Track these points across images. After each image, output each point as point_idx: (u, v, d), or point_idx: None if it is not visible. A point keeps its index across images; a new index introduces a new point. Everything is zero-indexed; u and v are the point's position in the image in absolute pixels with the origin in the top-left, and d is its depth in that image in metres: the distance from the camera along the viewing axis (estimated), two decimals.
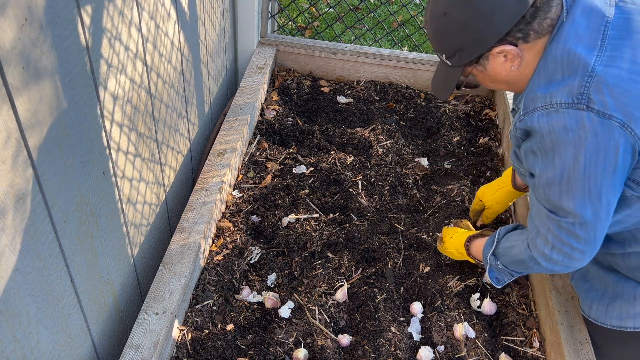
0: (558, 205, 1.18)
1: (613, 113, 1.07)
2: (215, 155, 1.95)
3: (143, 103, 1.48)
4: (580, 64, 1.11)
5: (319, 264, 1.72)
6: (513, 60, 1.21)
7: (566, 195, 1.15)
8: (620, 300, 1.37)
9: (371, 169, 2.10)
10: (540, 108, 1.14)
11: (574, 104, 1.09)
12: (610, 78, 1.08)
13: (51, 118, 1.03)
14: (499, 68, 1.24)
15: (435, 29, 1.23)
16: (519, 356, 1.53)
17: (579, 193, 1.14)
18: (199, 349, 1.49)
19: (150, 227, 1.70)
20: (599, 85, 1.08)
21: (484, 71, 1.27)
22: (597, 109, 1.08)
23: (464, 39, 1.19)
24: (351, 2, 4.01)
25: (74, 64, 1.09)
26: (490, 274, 1.49)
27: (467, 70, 1.28)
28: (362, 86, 2.59)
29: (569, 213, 1.17)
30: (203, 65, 2.07)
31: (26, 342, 1.06)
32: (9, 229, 0.96)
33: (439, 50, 1.27)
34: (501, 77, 1.26)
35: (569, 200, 1.15)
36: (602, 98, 1.08)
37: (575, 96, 1.09)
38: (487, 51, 1.20)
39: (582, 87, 1.09)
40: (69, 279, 1.20)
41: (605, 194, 1.13)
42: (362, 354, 1.49)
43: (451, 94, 1.34)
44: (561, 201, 1.17)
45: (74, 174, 1.15)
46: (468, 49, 1.21)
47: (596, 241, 1.20)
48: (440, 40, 1.24)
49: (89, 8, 1.12)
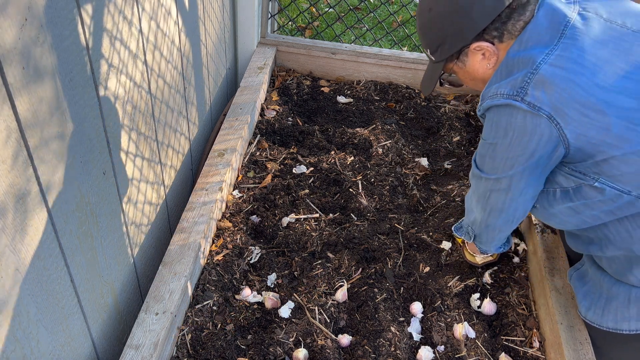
0: (481, 162, 1.39)
1: (542, 106, 1.18)
2: (215, 155, 1.95)
3: (143, 103, 1.48)
4: (529, 61, 1.22)
5: (319, 264, 1.72)
6: (490, 58, 1.32)
7: (490, 157, 1.34)
8: (615, 302, 1.38)
9: (371, 169, 2.10)
10: (490, 97, 1.27)
11: (512, 96, 1.22)
12: (550, 76, 1.18)
13: (51, 118, 1.03)
14: (477, 65, 1.35)
15: (421, 23, 1.35)
16: (519, 356, 1.53)
17: (498, 159, 1.31)
18: (199, 349, 1.49)
19: (150, 227, 1.70)
20: (537, 82, 1.19)
21: (463, 68, 1.38)
22: (528, 101, 1.19)
23: (445, 32, 1.30)
24: (351, 2, 4.01)
25: (74, 64, 1.09)
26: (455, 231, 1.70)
27: (449, 66, 1.39)
28: (362, 86, 2.59)
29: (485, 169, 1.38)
30: (203, 65, 2.07)
31: (26, 342, 1.06)
32: (9, 228, 0.95)
33: (424, 45, 1.38)
34: (479, 74, 1.37)
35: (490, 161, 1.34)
36: (537, 93, 1.19)
37: (516, 89, 1.21)
38: (466, 46, 1.31)
39: (523, 82, 1.21)
40: (69, 279, 1.20)
41: (515, 169, 1.29)
42: (362, 354, 1.49)
43: (433, 89, 1.46)
44: (484, 160, 1.37)
45: (74, 174, 1.15)
46: (449, 43, 1.31)
47: (488, 204, 1.42)
48: (425, 35, 1.36)
49: (89, 8, 1.12)
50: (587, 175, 1.26)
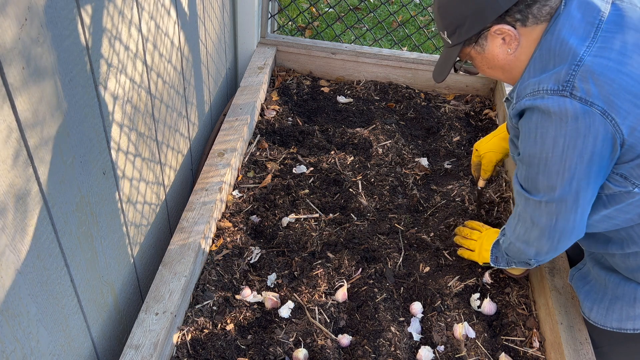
0: (533, 184, 1.24)
1: (595, 100, 1.10)
2: (215, 155, 1.95)
3: (143, 103, 1.48)
4: (570, 53, 1.15)
5: (319, 264, 1.72)
6: (510, 43, 1.23)
7: (542, 174, 1.20)
8: (621, 302, 1.37)
9: (371, 169, 2.10)
10: (529, 95, 1.18)
11: (559, 91, 1.13)
12: (597, 67, 1.11)
13: (51, 118, 1.03)
14: (497, 50, 1.26)
15: (440, 3, 1.28)
16: (519, 356, 1.53)
17: (554, 174, 1.18)
18: (199, 349, 1.49)
19: (150, 227, 1.70)
20: (584, 74, 1.11)
21: (482, 53, 1.29)
22: (579, 96, 1.11)
23: (465, 12, 1.22)
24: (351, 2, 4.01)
25: (74, 64, 1.09)
26: (493, 249, 1.57)
27: (466, 51, 1.31)
28: (362, 86, 2.59)
29: (540, 190, 1.23)
30: (203, 65, 2.07)
31: (26, 342, 1.06)
32: (9, 228, 0.95)
33: (441, 27, 1.30)
34: (498, 61, 1.28)
35: (544, 178, 1.20)
36: (586, 86, 1.11)
37: (561, 83, 1.13)
38: (486, 29, 1.23)
39: (568, 75, 1.13)
40: (69, 279, 1.20)
41: (577, 180, 1.17)
42: (362, 354, 1.49)
43: (447, 75, 1.37)
44: (537, 179, 1.22)
45: (74, 174, 1.15)
46: (468, 24, 1.23)
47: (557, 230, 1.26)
48: (443, 16, 1.28)
49: (89, 8, 1.12)
50: (627, 180, 1.18)
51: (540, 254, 1.36)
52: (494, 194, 2.02)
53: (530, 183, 1.25)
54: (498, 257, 1.57)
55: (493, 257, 1.58)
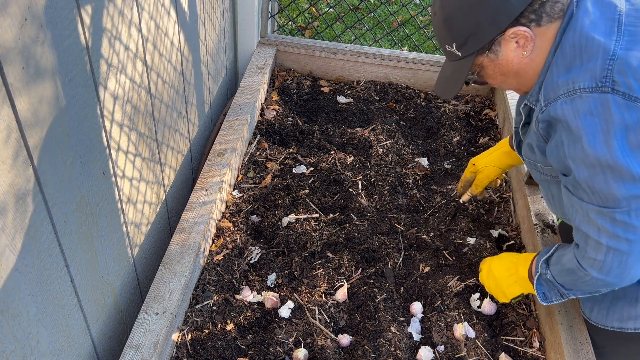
0: (607, 195, 1.10)
1: (639, 95, 1.05)
2: (215, 155, 1.95)
3: (143, 103, 1.48)
4: (600, 49, 1.09)
5: (319, 264, 1.72)
6: (525, 45, 1.18)
7: (614, 180, 1.08)
8: (622, 302, 1.37)
9: (371, 169, 2.10)
10: (563, 95, 1.12)
11: (598, 88, 1.07)
12: (633, 60, 1.07)
13: (51, 118, 1.03)
14: (512, 55, 1.20)
15: (447, 14, 1.19)
16: (519, 356, 1.53)
17: (627, 175, 1.07)
18: (199, 349, 1.49)
19: (150, 227, 1.70)
20: (622, 67, 1.06)
21: (495, 60, 1.23)
22: (622, 91, 1.06)
23: (478, 20, 1.15)
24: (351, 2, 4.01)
25: (74, 64, 1.09)
26: (538, 287, 1.36)
27: (478, 60, 1.24)
28: (362, 86, 2.59)
29: (622, 199, 1.09)
30: (203, 65, 2.07)
31: (26, 342, 1.06)
32: (9, 228, 0.95)
33: (449, 39, 1.23)
34: (513, 66, 1.22)
35: (618, 184, 1.08)
36: (626, 80, 1.06)
37: (599, 80, 1.07)
38: (501, 34, 1.17)
39: (605, 70, 1.07)
40: (69, 279, 1.20)
41: None
42: (362, 354, 1.49)
43: (460, 89, 1.28)
44: (610, 188, 1.09)
45: (74, 174, 1.15)
46: (482, 32, 1.17)
47: None
48: (452, 27, 1.20)
49: (89, 8, 1.12)
50: None
51: (636, 277, 1.18)
52: (494, 194, 2.02)
53: (605, 198, 1.11)
54: (546, 293, 1.36)
55: (541, 294, 1.37)
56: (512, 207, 1.98)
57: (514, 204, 1.99)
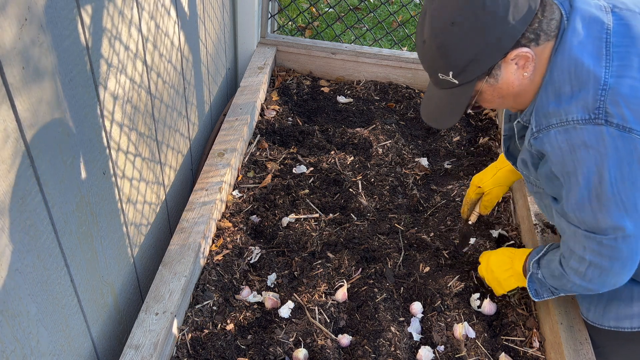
0: (595, 225, 1.14)
1: (633, 126, 1.04)
2: (215, 155, 1.95)
3: (143, 103, 1.48)
4: (590, 77, 1.07)
5: (319, 264, 1.72)
6: (526, 66, 1.13)
7: (601, 213, 1.11)
8: (617, 301, 1.38)
9: (371, 169, 2.10)
10: (556, 125, 1.10)
11: (592, 120, 1.06)
12: (625, 89, 1.06)
13: (51, 118, 1.03)
14: (512, 77, 1.15)
15: (442, 42, 1.12)
16: (519, 356, 1.53)
17: (614, 209, 1.10)
18: (199, 349, 1.49)
19: (150, 227, 1.70)
20: (614, 97, 1.05)
21: (494, 84, 1.17)
22: (616, 123, 1.04)
23: (479, 46, 1.10)
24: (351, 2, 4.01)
25: (74, 64, 1.09)
26: (530, 284, 1.42)
27: (478, 86, 1.18)
28: (362, 86, 2.59)
29: (609, 229, 1.12)
30: (203, 65, 2.07)
31: (26, 342, 1.06)
32: (9, 228, 0.95)
33: (443, 69, 1.15)
34: (513, 88, 1.17)
35: (605, 217, 1.11)
36: (620, 111, 1.04)
37: (592, 111, 1.06)
38: (502, 58, 1.12)
39: (597, 102, 1.05)
40: (69, 279, 1.20)
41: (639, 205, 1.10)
42: (362, 354, 1.49)
43: (459, 118, 1.23)
44: (597, 220, 1.12)
45: (74, 174, 1.15)
46: (483, 58, 1.11)
47: (637, 255, 1.17)
48: (449, 55, 1.13)
49: (89, 8, 1.12)
50: None
51: (617, 285, 1.25)
52: None
53: (591, 224, 1.14)
54: (538, 290, 1.43)
55: (532, 291, 1.43)
56: (512, 207, 1.98)
57: (514, 204, 1.99)
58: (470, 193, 1.71)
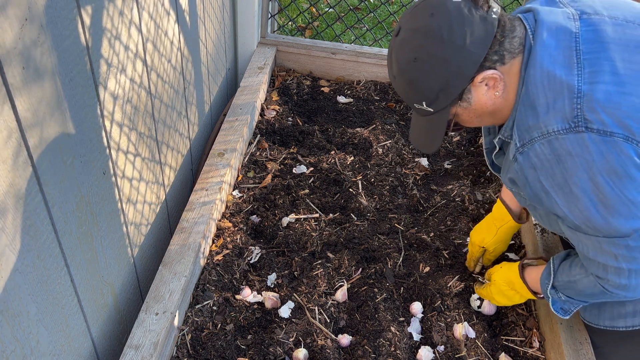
0: (612, 229, 1.11)
1: (613, 130, 1.05)
2: (215, 155, 1.95)
3: (143, 103, 1.48)
4: (563, 87, 1.09)
5: (319, 264, 1.72)
6: (496, 86, 1.17)
7: (612, 217, 1.09)
8: (611, 301, 1.38)
9: (371, 169, 2.10)
10: (539, 138, 1.11)
11: (573, 129, 1.07)
12: (599, 94, 1.06)
13: (51, 118, 1.03)
14: (484, 98, 1.19)
15: (409, 78, 1.18)
16: (519, 356, 1.53)
17: (624, 209, 1.08)
18: (199, 349, 1.49)
19: (150, 227, 1.70)
20: (590, 104, 1.06)
21: (468, 107, 1.21)
22: (596, 129, 1.05)
23: (444, 77, 1.14)
24: (351, 2, 4.01)
25: (74, 64, 1.09)
26: (554, 306, 1.38)
27: (452, 111, 1.22)
28: (362, 86, 2.59)
29: (628, 229, 1.10)
30: (203, 65, 2.07)
31: (26, 342, 1.06)
32: (9, 229, 0.96)
33: (417, 99, 1.21)
34: (487, 107, 1.21)
35: (618, 219, 1.09)
36: (598, 117, 1.05)
37: (571, 120, 1.07)
38: (470, 82, 1.16)
39: (574, 110, 1.07)
40: (69, 279, 1.20)
41: (637, 202, 1.08)
42: (362, 354, 1.49)
43: (442, 142, 1.27)
44: (611, 225, 1.10)
45: (74, 174, 1.15)
46: (451, 86, 1.16)
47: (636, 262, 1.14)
48: (418, 87, 1.18)
49: (89, 8, 1.12)
50: None
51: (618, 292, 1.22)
52: (494, 194, 2.02)
53: (608, 231, 1.12)
54: (564, 307, 1.38)
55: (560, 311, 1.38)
56: None
57: None
58: (474, 252, 1.69)
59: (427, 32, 1.13)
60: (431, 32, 1.12)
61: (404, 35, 1.17)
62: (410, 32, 1.16)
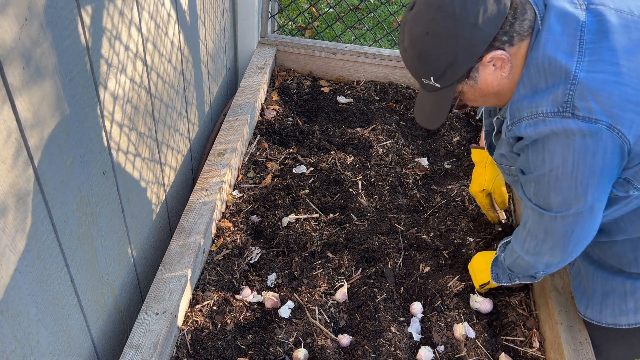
0: (544, 201, 1.22)
1: (599, 117, 1.08)
2: (215, 155, 1.95)
3: (143, 103, 1.48)
4: (562, 72, 1.12)
5: (319, 264, 1.72)
6: (503, 67, 1.19)
7: (554, 191, 1.19)
8: (612, 297, 1.39)
9: (371, 169, 2.10)
10: (527, 118, 1.16)
11: (560, 113, 1.11)
12: (593, 83, 1.10)
13: (51, 118, 1.03)
14: (491, 78, 1.21)
15: (420, 51, 1.20)
16: (519, 356, 1.53)
17: (566, 190, 1.17)
18: (199, 349, 1.49)
19: (151, 227, 1.70)
20: (582, 92, 1.10)
21: (474, 85, 1.24)
22: (582, 116, 1.09)
23: (454, 53, 1.17)
24: (351, 2, 4.01)
25: (74, 64, 1.09)
26: (493, 267, 1.55)
27: (459, 88, 1.25)
28: (362, 86, 2.59)
29: (553, 207, 1.21)
30: (203, 65, 2.07)
31: (26, 342, 1.06)
32: (9, 229, 0.96)
33: (425, 73, 1.23)
34: (493, 87, 1.24)
35: (556, 195, 1.19)
36: (587, 104, 1.09)
37: (560, 105, 1.11)
38: (478, 61, 1.18)
39: (566, 95, 1.11)
40: (69, 279, 1.20)
41: (590, 193, 1.16)
42: (362, 354, 1.49)
43: (446, 118, 1.30)
44: (549, 196, 1.20)
45: (74, 174, 1.15)
46: (459, 62, 1.18)
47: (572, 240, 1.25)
48: (427, 61, 1.20)
49: (89, 8, 1.12)
50: (630, 183, 1.19)
51: (551, 265, 1.35)
52: None
53: (542, 200, 1.23)
54: (499, 274, 1.55)
55: (494, 274, 1.56)
56: (512, 207, 1.98)
57: (514, 203, 1.99)
58: (481, 200, 1.80)
59: (441, 7, 1.14)
60: (444, 7, 1.14)
61: (418, 8, 1.18)
62: (424, 6, 1.17)
